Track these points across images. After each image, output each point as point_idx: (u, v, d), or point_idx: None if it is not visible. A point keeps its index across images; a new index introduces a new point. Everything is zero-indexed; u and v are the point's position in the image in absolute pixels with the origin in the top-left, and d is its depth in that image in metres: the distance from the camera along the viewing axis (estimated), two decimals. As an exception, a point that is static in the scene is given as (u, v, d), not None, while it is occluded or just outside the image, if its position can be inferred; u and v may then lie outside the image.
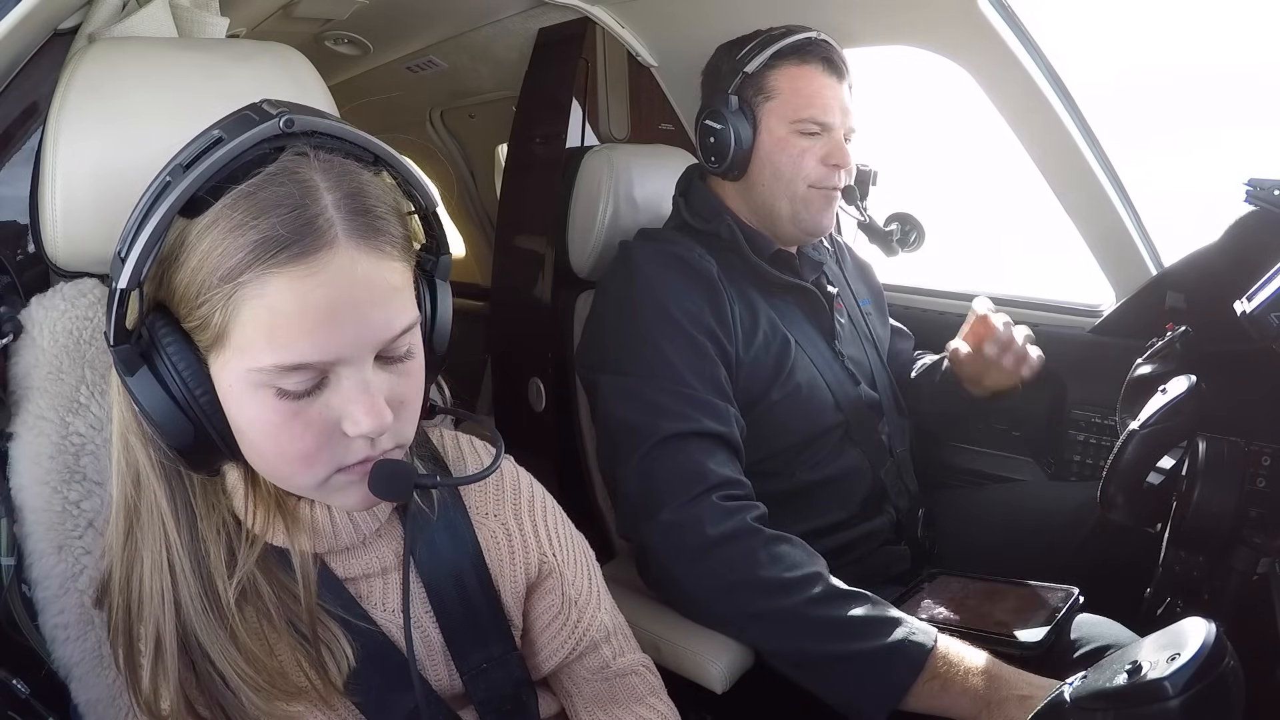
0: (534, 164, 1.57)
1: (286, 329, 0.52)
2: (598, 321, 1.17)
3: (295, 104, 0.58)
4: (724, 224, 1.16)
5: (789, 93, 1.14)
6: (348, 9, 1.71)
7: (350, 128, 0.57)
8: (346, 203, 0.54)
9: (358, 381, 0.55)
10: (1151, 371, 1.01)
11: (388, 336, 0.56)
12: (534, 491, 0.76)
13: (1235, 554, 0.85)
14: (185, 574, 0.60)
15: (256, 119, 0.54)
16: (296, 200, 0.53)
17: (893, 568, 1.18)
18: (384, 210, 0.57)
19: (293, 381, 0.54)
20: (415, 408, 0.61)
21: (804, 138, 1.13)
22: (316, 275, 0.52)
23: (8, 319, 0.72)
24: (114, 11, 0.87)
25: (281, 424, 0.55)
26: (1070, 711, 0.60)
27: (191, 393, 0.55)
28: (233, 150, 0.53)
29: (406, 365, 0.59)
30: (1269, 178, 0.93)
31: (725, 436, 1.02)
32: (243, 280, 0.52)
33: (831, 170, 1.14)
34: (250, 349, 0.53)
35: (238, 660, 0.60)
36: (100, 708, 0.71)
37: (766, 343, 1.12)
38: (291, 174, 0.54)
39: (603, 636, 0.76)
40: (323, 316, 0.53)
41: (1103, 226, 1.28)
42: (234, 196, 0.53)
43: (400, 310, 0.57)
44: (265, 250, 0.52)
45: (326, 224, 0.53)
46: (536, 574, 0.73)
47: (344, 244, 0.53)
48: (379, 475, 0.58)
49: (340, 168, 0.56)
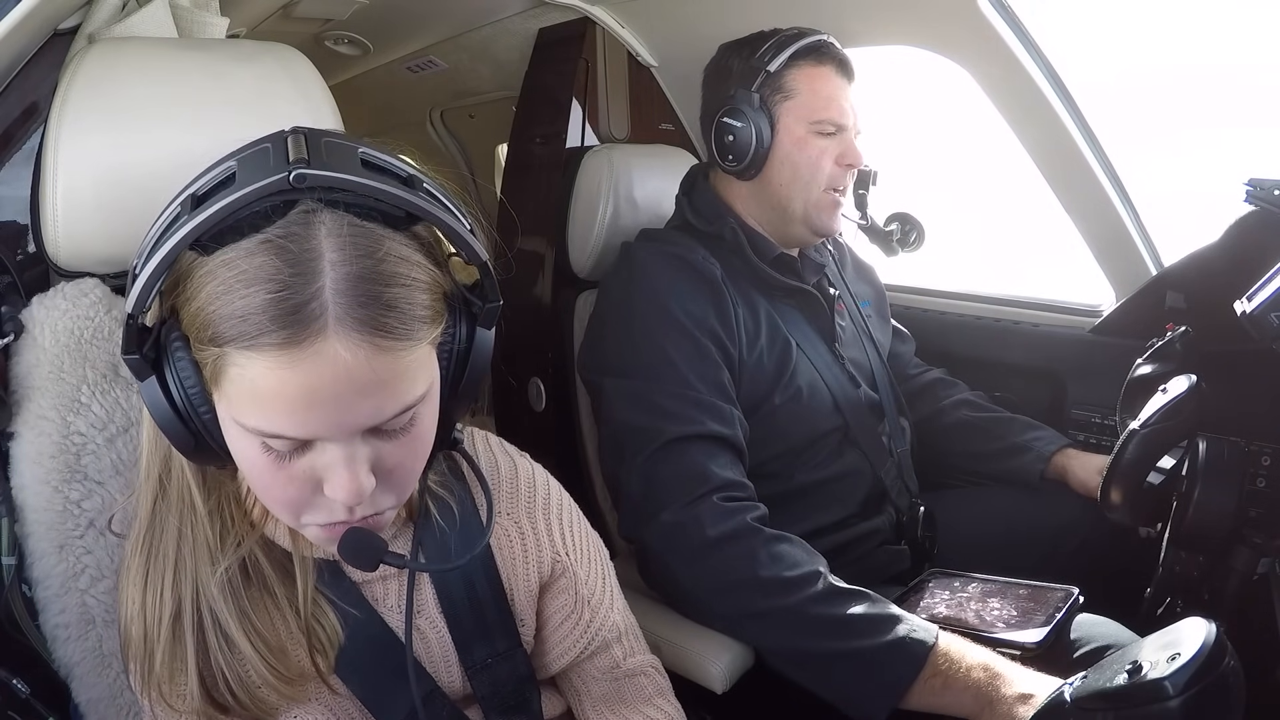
0: (534, 164, 1.57)
1: (265, 404, 0.50)
2: (600, 323, 1.17)
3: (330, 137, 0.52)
4: (727, 226, 1.16)
5: (808, 93, 1.13)
6: (348, 9, 1.71)
7: (376, 184, 0.50)
8: (350, 287, 0.49)
9: (341, 454, 0.52)
10: (1151, 371, 1.01)
11: (376, 422, 0.52)
12: (549, 490, 0.75)
13: (1235, 554, 0.85)
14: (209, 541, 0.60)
15: (271, 161, 0.50)
16: (288, 279, 0.48)
17: (892, 567, 1.18)
18: (402, 288, 0.51)
19: (276, 443, 0.52)
20: (410, 472, 0.58)
21: (821, 138, 1.14)
22: (297, 365, 0.48)
23: (9, 318, 0.72)
24: (114, 11, 0.87)
25: (266, 471, 0.54)
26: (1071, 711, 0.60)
27: (195, 409, 0.53)
28: (237, 202, 0.49)
29: (405, 435, 0.55)
30: (1269, 178, 0.93)
31: (729, 439, 1.02)
32: (224, 350, 0.49)
33: (845, 170, 1.15)
34: (235, 405, 0.51)
35: (251, 631, 0.60)
36: (101, 707, 0.71)
37: (769, 346, 1.12)
38: (295, 239, 0.49)
39: (614, 636, 0.76)
40: (299, 403, 0.50)
41: (1103, 226, 1.28)
42: (232, 252, 0.49)
43: (398, 394, 0.52)
44: (248, 330, 0.48)
45: (319, 310, 0.48)
46: (550, 573, 0.73)
47: (335, 335, 0.48)
48: (348, 543, 0.57)
49: (355, 235, 0.50)
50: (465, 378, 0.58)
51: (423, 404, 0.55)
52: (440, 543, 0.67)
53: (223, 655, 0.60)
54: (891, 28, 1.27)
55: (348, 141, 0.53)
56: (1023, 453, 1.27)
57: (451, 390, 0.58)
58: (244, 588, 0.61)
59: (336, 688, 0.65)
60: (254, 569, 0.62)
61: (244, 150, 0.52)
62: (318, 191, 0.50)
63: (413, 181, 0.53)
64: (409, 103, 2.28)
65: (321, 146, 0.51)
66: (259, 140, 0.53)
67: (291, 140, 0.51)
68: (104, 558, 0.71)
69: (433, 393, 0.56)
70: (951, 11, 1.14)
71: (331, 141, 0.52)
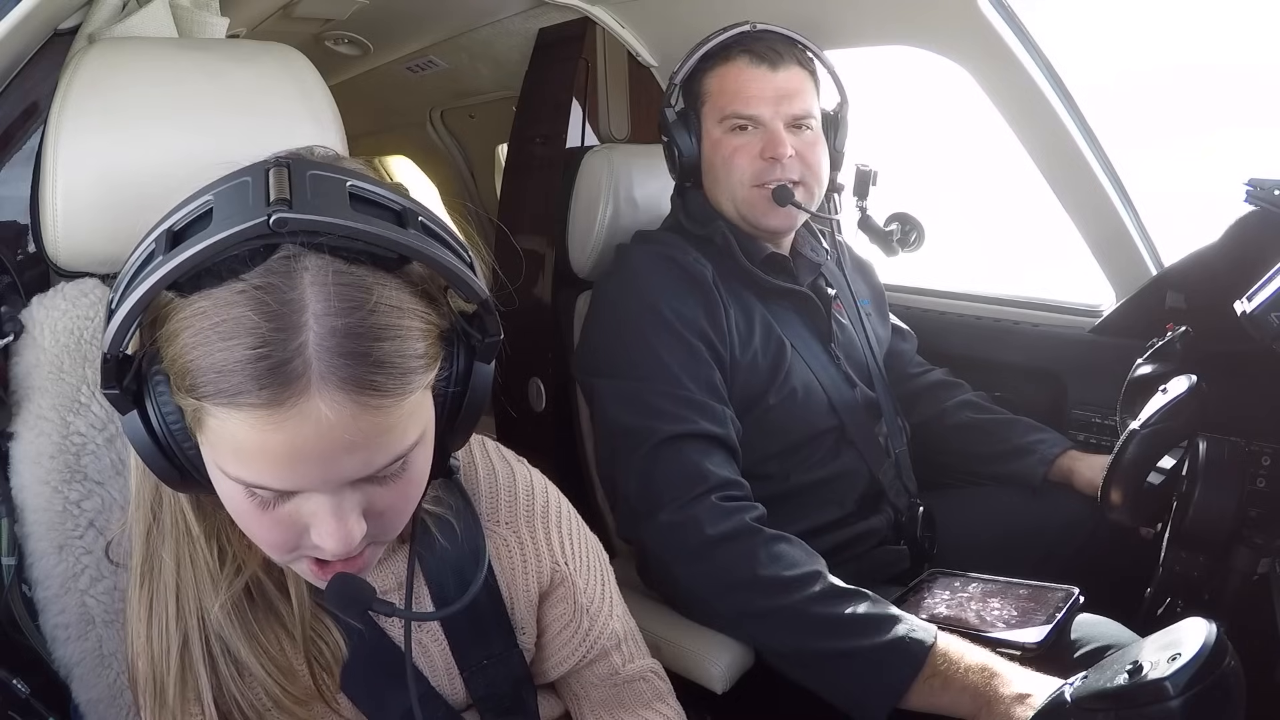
0: (534, 164, 1.57)
1: (247, 459, 0.48)
2: (593, 325, 1.17)
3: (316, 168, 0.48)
4: (718, 229, 1.16)
5: (716, 92, 1.13)
6: (348, 9, 1.71)
7: (363, 226, 0.46)
8: (336, 344, 0.46)
9: (328, 504, 0.50)
10: (1151, 371, 1.01)
11: (364, 474, 0.50)
12: (548, 498, 0.74)
13: (1235, 554, 0.85)
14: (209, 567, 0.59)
15: (250, 199, 0.46)
16: (267, 334, 0.45)
17: (892, 567, 1.18)
18: (393, 340, 0.48)
19: (261, 492, 0.50)
20: (401, 513, 0.56)
21: (735, 134, 1.11)
22: (280, 423, 0.46)
23: (9, 319, 0.72)
24: (114, 11, 0.87)
25: (250, 514, 0.52)
26: (1071, 711, 0.60)
27: (179, 444, 0.51)
28: (214, 246, 0.44)
29: (397, 480, 0.53)
30: (1269, 178, 0.93)
31: (722, 438, 1.02)
32: (203, 404, 0.47)
33: (769, 164, 1.10)
34: (217, 452, 0.49)
35: (262, 654, 0.59)
36: (101, 707, 0.71)
37: (762, 347, 1.12)
38: (274, 291, 0.45)
39: (614, 644, 0.76)
40: (284, 461, 0.47)
41: (1103, 226, 1.28)
42: (208, 302, 0.46)
43: (387, 448, 0.50)
44: (226, 387, 0.45)
45: (301, 368, 0.45)
46: (549, 583, 0.72)
47: (318, 395, 0.45)
48: (335, 590, 0.55)
49: (341, 283, 0.47)
50: (463, 414, 0.56)
51: (416, 449, 0.52)
52: (439, 559, 0.66)
53: (235, 683, 0.59)
54: (891, 28, 1.26)
55: (336, 173, 0.48)
56: (1025, 455, 1.27)
57: (448, 425, 0.56)
58: (250, 610, 0.60)
59: (342, 706, 0.64)
60: (256, 589, 0.61)
61: (223, 183, 0.48)
62: (300, 236, 0.46)
63: (405, 217, 0.49)
64: (409, 103, 2.28)
65: (306, 182, 0.47)
66: (240, 171, 0.49)
67: (273, 176, 0.47)
68: (103, 558, 0.71)
69: (427, 436, 0.54)
70: (951, 11, 1.14)
71: (317, 175, 0.48)
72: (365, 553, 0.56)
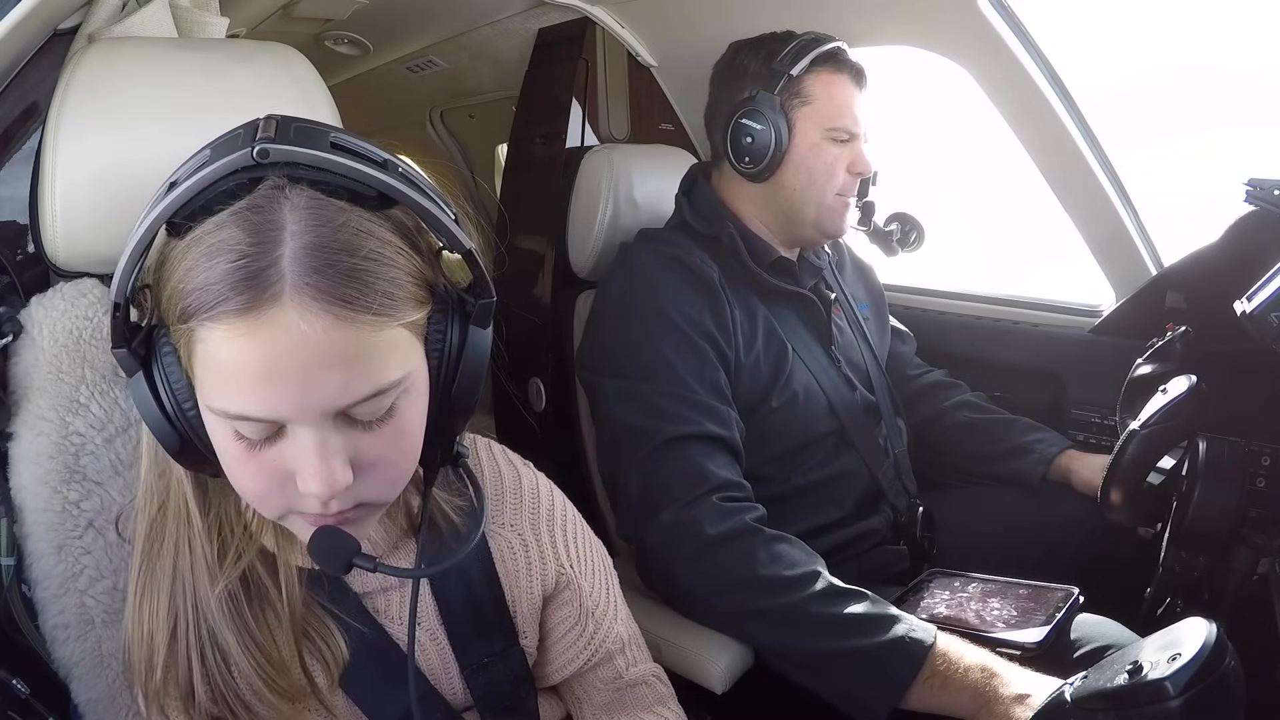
0: (534, 164, 1.57)
1: (226, 381, 0.50)
2: (598, 323, 1.17)
3: (301, 122, 0.52)
4: (725, 229, 1.16)
5: (825, 100, 1.14)
6: (348, 9, 1.71)
7: (343, 160, 0.50)
8: (310, 255, 0.48)
9: (311, 441, 0.51)
10: (1151, 371, 1.01)
11: (342, 404, 0.50)
12: (554, 502, 0.74)
13: (1235, 554, 0.86)
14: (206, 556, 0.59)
15: (240, 142, 0.50)
16: (248, 247, 0.48)
17: (891, 568, 1.18)
18: (365, 260, 0.50)
19: (245, 428, 0.51)
20: (394, 469, 0.56)
21: (836, 145, 1.14)
22: (255, 334, 0.48)
23: (8, 319, 0.72)
24: (114, 11, 0.87)
25: (238, 460, 0.53)
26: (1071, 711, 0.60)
27: (180, 405, 0.53)
28: (205, 179, 0.49)
29: (384, 426, 0.53)
30: (1269, 178, 0.93)
31: (726, 439, 1.02)
32: (191, 326, 0.49)
33: (855, 179, 1.16)
34: (204, 388, 0.51)
35: (252, 646, 0.59)
36: (100, 707, 0.71)
37: (765, 349, 1.12)
38: (259, 211, 0.49)
39: (618, 648, 0.76)
40: (259, 378, 0.48)
41: (1103, 226, 1.28)
42: (200, 230, 0.50)
43: (366, 374, 0.50)
44: (208, 299, 0.48)
45: (275, 277, 0.48)
46: (554, 586, 0.72)
47: (292, 302, 0.48)
48: (318, 542, 0.55)
49: (321, 208, 0.50)
50: (459, 379, 0.56)
51: (403, 396, 0.53)
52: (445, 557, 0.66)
53: (220, 671, 0.59)
54: (891, 28, 1.26)
55: (322, 127, 0.52)
56: (1024, 454, 1.27)
57: (445, 394, 0.56)
58: (245, 601, 0.60)
59: (336, 703, 0.64)
60: (254, 582, 0.61)
61: (220, 137, 0.53)
62: (282, 168, 0.50)
63: (387, 166, 0.52)
64: (409, 103, 2.28)
65: (291, 128, 0.51)
66: (236, 127, 0.53)
67: (262, 123, 0.51)
68: (103, 558, 0.70)
69: (414, 385, 0.54)
70: (951, 11, 1.14)
71: (303, 125, 0.52)
72: (355, 513, 0.55)
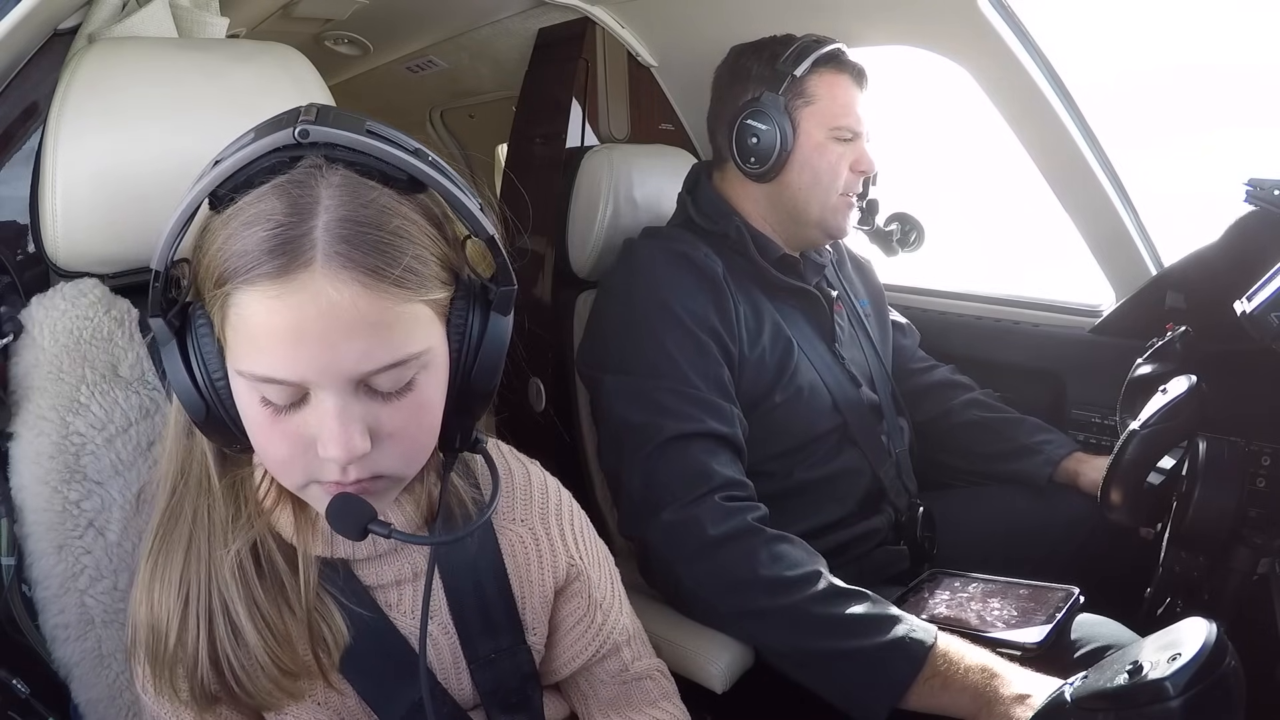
0: (534, 164, 1.57)
1: (256, 343, 0.52)
2: (601, 319, 1.17)
3: (339, 110, 0.55)
4: (732, 225, 1.16)
5: (828, 100, 1.14)
6: (348, 9, 1.71)
7: (377, 143, 0.53)
8: (341, 226, 0.52)
9: (333, 406, 0.53)
10: (1151, 371, 1.01)
11: (365, 370, 0.53)
12: (561, 497, 0.76)
13: (1235, 554, 0.85)
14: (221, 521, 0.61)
15: (282, 123, 0.53)
16: (284, 217, 0.51)
17: (892, 568, 1.18)
18: (392, 235, 0.53)
19: (271, 392, 0.53)
20: (413, 443, 0.58)
21: (839, 144, 1.15)
22: (286, 298, 0.51)
23: (8, 319, 0.72)
24: (114, 11, 0.87)
25: (263, 426, 0.55)
26: (1071, 711, 0.60)
27: (209, 375, 0.56)
28: (247, 155, 0.52)
29: (403, 399, 0.56)
30: (1269, 178, 0.93)
31: (728, 437, 1.02)
32: (227, 290, 0.52)
33: (859, 177, 1.17)
34: (235, 352, 0.54)
35: (259, 620, 0.60)
36: (100, 707, 0.71)
37: (770, 345, 1.12)
38: (298, 185, 0.52)
39: (624, 639, 0.77)
40: (288, 339, 0.52)
41: (1103, 226, 1.28)
42: (241, 202, 0.53)
43: (388, 343, 0.53)
44: (245, 264, 0.51)
45: (308, 245, 0.51)
46: (564, 578, 0.73)
47: (322, 269, 0.51)
48: (336, 507, 0.57)
49: (355, 186, 0.53)
50: (478, 363, 0.59)
51: (423, 371, 0.56)
52: (460, 545, 0.68)
53: (229, 643, 0.60)
54: (891, 28, 1.26)
55: (358, 116, 0.55)
56: (1032, 455, 1.27)
57: (465, 378, 0.59)
58: (257, 578, 0.61)
59: (338, 685, 0.65)
60: (268, 562, 0.62)
61: (266, 121, 0.55)
62: (322, 148, 0.53)
63: (419, 154, 0.55)
64: (409, 103, 2.28)
65: (330, 114, 0.54)
66: (279, 114, 0.56)
67: (304, 108, 0.55)
68: (103, 558, 0.71)
69: (434, 362, 0.57)
70: (951, 11, 1.14)
71: (342, 113, 0.55)
72: (373, 485, 0.57)
